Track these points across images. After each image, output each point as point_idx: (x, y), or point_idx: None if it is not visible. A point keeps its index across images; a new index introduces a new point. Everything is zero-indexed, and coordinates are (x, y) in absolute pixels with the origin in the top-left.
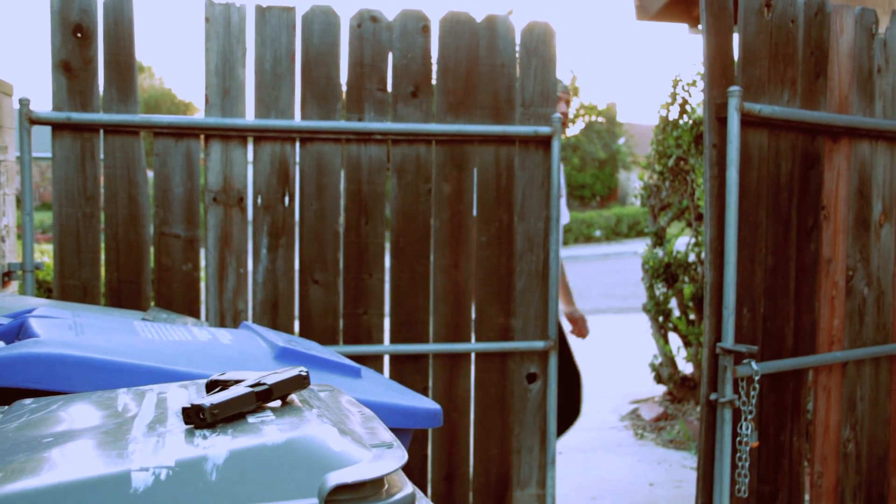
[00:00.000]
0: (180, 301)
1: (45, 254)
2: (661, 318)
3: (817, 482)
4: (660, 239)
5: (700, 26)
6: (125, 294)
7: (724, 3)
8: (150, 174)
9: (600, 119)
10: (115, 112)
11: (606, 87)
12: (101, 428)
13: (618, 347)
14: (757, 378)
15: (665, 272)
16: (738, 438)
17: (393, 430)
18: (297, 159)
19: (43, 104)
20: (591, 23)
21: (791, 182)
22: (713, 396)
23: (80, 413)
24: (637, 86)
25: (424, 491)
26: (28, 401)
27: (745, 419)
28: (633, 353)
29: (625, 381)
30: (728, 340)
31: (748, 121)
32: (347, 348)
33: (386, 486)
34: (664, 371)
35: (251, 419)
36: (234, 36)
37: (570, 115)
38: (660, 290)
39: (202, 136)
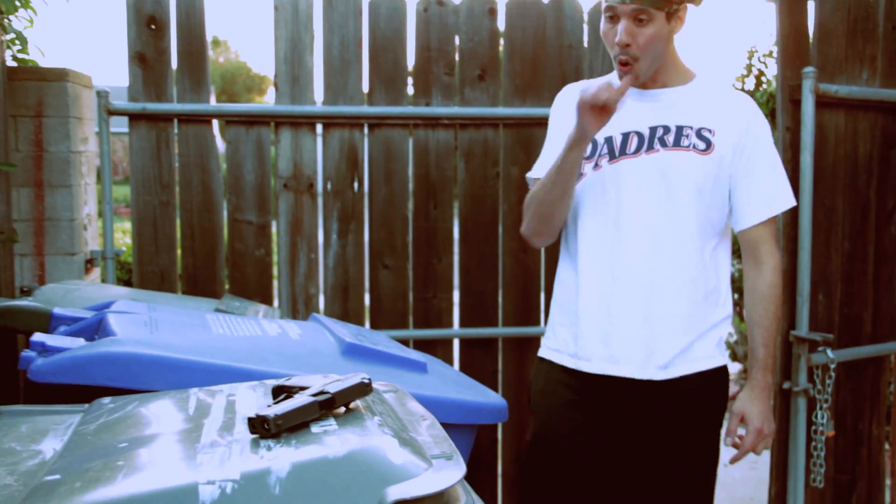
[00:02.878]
0: (253, 286)
1: (126, 234)
2: (735, 296)
3: None
4: None
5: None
6: (200, 279)
7: None
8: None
9: None
10: (189, 101)
11: (682, 56)
12: (172, 434)
13: None
14: (833, 366)
15: (740, 249)
16: (814, 427)
17: (458, 425)
18: (366, 145)
19: (116, 91)
20: None
21: (870, 163)
22: (786, 385)
23: (153, 416)
24: (715, 53)
25: (494, 474)
26: (106, 400)
27: (821, 408)
28: None
29: None
30: (802, 328)
31: (824, 102)
32: (417, 332)
33: (445, 499)
34: (739, 349)
35: (314, 428)
36: (302, 23)
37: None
38: (734, 266)
39: (272, 124)
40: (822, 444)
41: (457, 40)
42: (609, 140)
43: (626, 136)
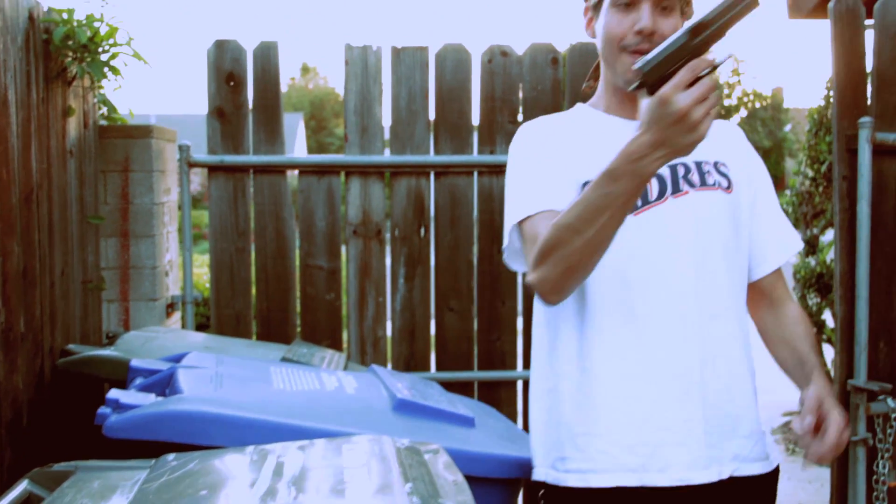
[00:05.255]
0: (324, 328)
1: (204, 266)
2: (814, 330)
3: None
4: (812, 248)
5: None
6: (274, 322)
7: (855, 33)
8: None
9: (760, 105)
10: (264, 153)
11: (772, 72)
12: (222, 498)
13: None
14: (894, 416)
15: (818, 282)
16: (875, 477)
17: (501, 480)
18: (432, 192)
19: (195, 143)
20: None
21: None
22: None
23: (208, 477)
24: (804, 69)
25: None
26: (171, 457)
27: (882, 457)
28: None
29: (778, 390)
30: (860, 377)
31: (883, 150)
32: (482, 374)
33: None
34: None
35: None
36: (371, 77)
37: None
38: (813, 300)
39: (342, 173)
40: (884, 494)
41: (520, 89)
42: None
43: None
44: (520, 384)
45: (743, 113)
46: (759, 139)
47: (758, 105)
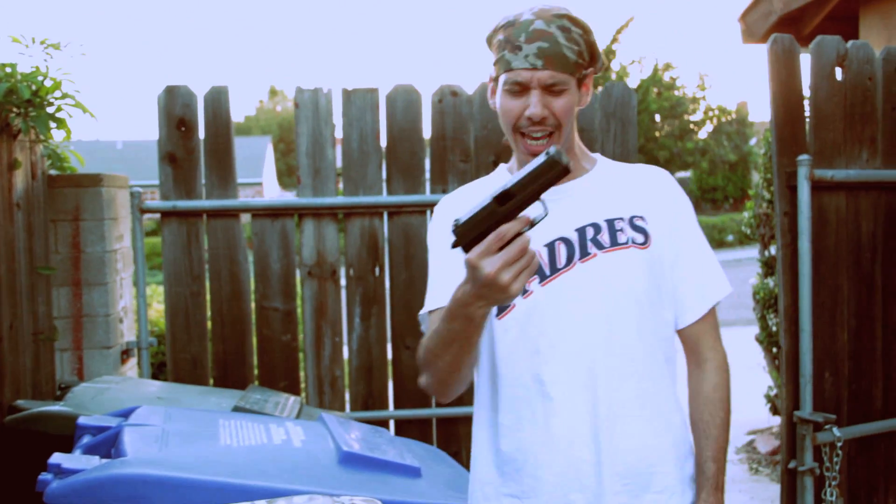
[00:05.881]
0: (281, 370)
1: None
2: (774, 349)
3: None
4: (770, 269)
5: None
6: (231, 364)
7: (792, 72)
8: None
9: (726, 119)
10: (217, 198)
11: (737, 87)
12: None
13: (741, 368)
14: (840, 444)
15: (776, 302)
16: None
17: None
18: (386, 231)
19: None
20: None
21: (874, 241)
22: (792, 464)
23: None
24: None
25: None
26: None
27: (830, 486)
28: (756, 376)
29: (744, 408)
30: (806, 409)
31: (822, 186)
32: (440, 410)
33: None
34: (780, 402)
35: None
36: (322, 119)
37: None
38: (772, 321)
39: (296, 215)
40: None
41: (471, 128)
42: None
43: (550, 246)
44: None
45: (709, 127)
46: (724, 153)
47: (723, 119)
